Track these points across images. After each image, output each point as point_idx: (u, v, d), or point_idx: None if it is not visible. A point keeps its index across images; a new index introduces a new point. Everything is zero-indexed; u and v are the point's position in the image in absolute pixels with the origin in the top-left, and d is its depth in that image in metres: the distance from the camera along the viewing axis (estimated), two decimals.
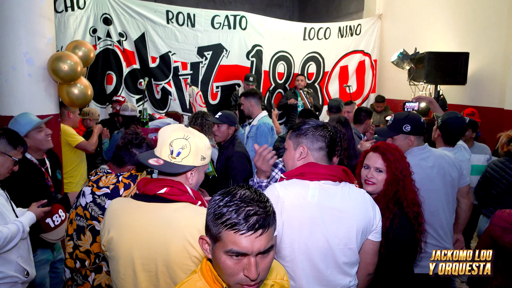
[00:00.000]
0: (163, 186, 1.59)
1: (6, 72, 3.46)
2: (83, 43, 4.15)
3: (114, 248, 1.61)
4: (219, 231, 1.10)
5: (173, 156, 1.59)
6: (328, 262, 1.77)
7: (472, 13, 6.00)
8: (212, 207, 1.13)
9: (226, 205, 1.10)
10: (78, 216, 2.26)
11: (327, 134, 1.87)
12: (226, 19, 6.80)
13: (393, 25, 7.82)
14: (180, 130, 1.65)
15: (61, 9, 5.78)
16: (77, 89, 3.79)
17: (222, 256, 1.11)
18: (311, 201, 1.75)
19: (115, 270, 1.63)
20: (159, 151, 1.62)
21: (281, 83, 7.57)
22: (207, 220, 1.15)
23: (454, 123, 3.11)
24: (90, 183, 2.28)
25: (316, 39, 7.58)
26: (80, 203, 2.26)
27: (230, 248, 1.08)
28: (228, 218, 1.08)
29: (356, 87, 8.07)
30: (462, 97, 6.07)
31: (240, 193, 1.12)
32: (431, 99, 3.94)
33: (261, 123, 4.29)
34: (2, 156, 2.36)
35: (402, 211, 2.14)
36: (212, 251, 1.15)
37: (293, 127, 1.94)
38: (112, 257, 1.64)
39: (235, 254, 1.09)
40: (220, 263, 1.12)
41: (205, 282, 1.21)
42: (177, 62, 6.71)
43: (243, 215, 1.08)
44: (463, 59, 5.57)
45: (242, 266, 1.10)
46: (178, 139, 1.61)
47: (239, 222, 1.07)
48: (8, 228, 2.24)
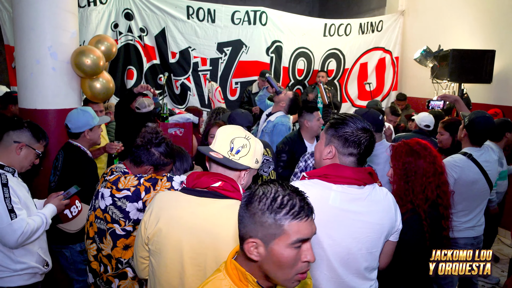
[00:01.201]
0: (218, 180, 1.59)
1: (31, 66, 3.52)
2: (106, 37, 4.19)
3: (161, 240, 1.60)
4: (281, 224, 1.09)
5: (232, 153, 1.61)
6: (348, 267, 1.72)
7: (499, 9, 5.82)
8: (263, 204, 1.11)
9: (282, 198, 1.10)
10: (98, 218, 2.22)
11: (363, 141, 1.72)
12: (246, 15, 6.78)
13: (416, 21, 7.66)
14: (241, 130, 1.68)
15: (84, 4, 5.85)
16: (99, 83, 3.83)
17: (284, 250, 1.10)
18: (332, 205, 1.69)
19: (161, 264, 1.61)
20: (218, 147, 1.63)
21: (301, 79, 7.51)
22: (256, 220, 1.12)
23: (482, 123, 3.01)
24: (108, 184, 2.22)
25: (336, 36, 7.49)
26: (99, 206, 2.21)
27: (296, 238, 1.09)
28: (291, 208, 1.09)
29: (376, 84, 7.93)
30: (487, 96, 5.91)
31: (282, 185, 1.14)
32: (457, 98, 3.81)
33: (279, 121, 4.24)
34: (26, 148, 2.37)
35: (414, 210, 2.12)
36: (266, 251, 1.12)
37: (332, 122, 1.80)
38: (157, 250, 1.62)
39: (299, 242, 1.10)
40: (281, 258, 1.11)
41: (230, 280, 1.19)
42: (196, 58, 6.72)
43: (300, 203, 1.11)
44: (489, 57, 5.42)
45: (300, 254, 1.12)
46: (240, 138, 1.64)
47: (300, 210, 1.10)
48: (34, 220, 2.26)
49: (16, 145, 2.32)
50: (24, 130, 2.37)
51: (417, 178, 2.17)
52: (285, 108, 4.32)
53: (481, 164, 3.02)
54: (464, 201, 3.04)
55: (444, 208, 2.19)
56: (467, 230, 3.11)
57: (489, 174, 3.05)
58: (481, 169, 3.02)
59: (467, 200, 3.06)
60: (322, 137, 1.85)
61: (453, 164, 2.99)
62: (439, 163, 2.23)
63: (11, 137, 2.32)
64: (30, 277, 2.36)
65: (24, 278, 2.33)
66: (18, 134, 2.34)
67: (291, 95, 4.34)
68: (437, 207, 2.20)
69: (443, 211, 2.19)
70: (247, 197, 1.15)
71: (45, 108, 3.54)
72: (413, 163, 2.19)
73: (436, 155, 2.24)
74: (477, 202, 3.11)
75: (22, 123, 2.40)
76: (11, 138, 2.32)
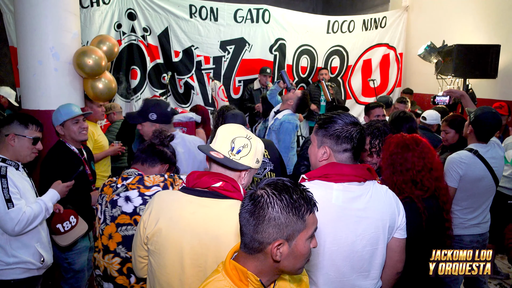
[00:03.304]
0: (219, 180, 1.58)
1: (33, 67, 3.53)
2: (108, 37, 4.19)
3: (161, 241, 1.58)
4: (304, 219, 1.16)
5: (233, 153, 1.59)
6: (353, 266, 1.72)
7: (503, 3, 5.75)
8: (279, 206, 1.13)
9: (297, 196, 1.15)
10: (124, 225, 2.06)
11: (355, 135, 1.72)
12: (249, 13, 6.76)
13: (420, 17, 7.60)
14: (242, 129, 1.67)
15: (87, 4, 5.86)
16: (102, 83, 3.83)
17: (305, 243, 1.18)
18: (335, 204, 1.69)
19: (160, 264, 1.60)
20: (219, 146, 1.61)
21: (304, 77, 7.48)
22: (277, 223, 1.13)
23: (488, 119, 2.98)
24: (132, 186, 2.09)
25: (340, 32, 7.44)
26: (124, 211, 2.06)
27: (314, 228, 1.19)
28: (308, 203, 1.16)
29: (380, 81, 7.89)
30: (493, 91, 5.85)
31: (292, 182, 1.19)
32: (463, 93, 3.75)
33: (286, 120, 4.22)
34: (17, 138, 2.50)
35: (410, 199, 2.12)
36: (290, 248, 1.16)
37: (319, 122, 1.81)
38: (156, 251, 1.60)
39: (314, 232, 1.19)
40: (304, 251, 1.18)
41: (230, 281, 1.19)
42: (200, 56, 6.71)
43: (309, 196, 1.18)
44: (494, 51, 5.35)
45: (311, 242, 1.20)
46: (241, 137, 1.62)
47: (313, 202, 1.19)
48: (31, 208, 2.38)
49: (8, 136, 2.49)
50: (12, 123, 2.53)
51: (403, 172, 2.18)
52: (293, 106, 4.29)
53: (488, 161, 2.99)
54: (469, 198, 3.02)
55: (444, 202, 2.18)
56: (473, 227, 3.08)
57: (495, 171, 3.02)
58: (487, 166, 2.99)
59: (473, 197, 3.03)
60: (313, 140, 1.84)
61: (458, 160, 2.96)
62: (430, 159, 2.20)
63: (2, 133, 2.51)
64: (23, 271, 2.42)
65: (17, 272, 2.39)
66: (7, 127, 2.52)
67: (299, 94, 4.31)
68: (436, 199, 2.20)
69: (442, 205, 2.18)
70: (251, 204, 1.15)
71: (48, 109, 3.53)
72: (400, 155, 2.20)
73: (429, 152, 2.21)
74: (483, 199, 3.08)
75: (12, 117, 2.55)
76: (2, 133, 2.51)
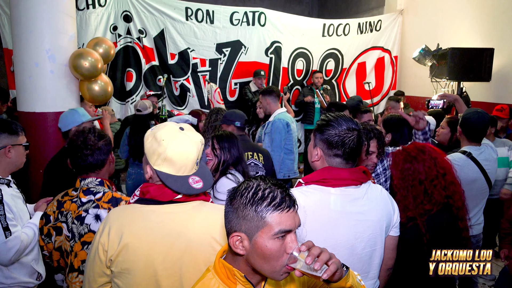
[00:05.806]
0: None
1: (29, 69, 3.53)
2: (104, 40, 4.20)
3: (129, 258, 1.47)
4: (263, 216, 1.12)
5: (197, 165, 1.57)
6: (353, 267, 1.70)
7: (497, 7, 5.81)
8: (245, 198, 1.13)
9: (263, 191, 1.13)
10: (90, 244, 1.94)
11: (347, 141, 1.70)
12: (245, 16, 6.78)
13: (414, 20, 7.65)
14: (189, 140, 1.54)
15: (83, 6, 5.86)
16: (98, 85, 3.83)
17: (268, 242, 1.12)
18: (333, 209, 1.69)
19: (130, 284, 1.48)
20: (184, 170, 1.52)
21: (300, 80, 7.51)
22: (240, 214, 1.14)
23: (473, 118, 3.01)
24: (104, 204, 2.02)
25: (335, 36, 7.49)
26: (92, 229, 1.98)
27: (278, 229, 1.11)
28: (272, 200, 1.12)
29: (375, 83, 7.93)
30: (486, 94, 5.90)
31: (264, 180, 1.17)
32: (457, 97, 3.78)
33: (276, 119, 4.26)
34: (13, 148, 2.33)
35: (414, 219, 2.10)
36: (251, 244, 1.14)
37: (319, 124, 1.80)
38: (124, 271, 1.49)
39: (282, 234, 1.12)
40: (266, 250, 1.12)
41: (219, 279, 1.22)
42: (195, 59, 6.72)
43: (281, 195, 1.13)
44: (488, 55, 5.41)
45: (284, 246, 1.13)
46: (195, 148, 1.55)
47: (282, 201, 1.12)
48: (26, 234, 2.22)
49: (2, 150, 2.30)
50: (1, 135, 2.32)
51: (416, 185, 2.11)
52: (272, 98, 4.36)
53: (481, 163, 3.02)
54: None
55: (458, 209, 2.12)
56: None
57: (489, 173, 3.04)
58: (480, 168, 3.02)
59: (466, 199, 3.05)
60: (312, 139, 1.86)
61: (452, 162, 2.98)
62: (441, 164, 2.15)
63: None
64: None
65: None
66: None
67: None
68: (450, 209, 2.13)
69: (456, 212, 2.12)
70: (231, 192, 1.18)
71: (44, 111, 3.54)
72: (411, 169, 2.13)
73: (437, 156, 2.16)
74: (476, 201, 3.10)
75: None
76: None
